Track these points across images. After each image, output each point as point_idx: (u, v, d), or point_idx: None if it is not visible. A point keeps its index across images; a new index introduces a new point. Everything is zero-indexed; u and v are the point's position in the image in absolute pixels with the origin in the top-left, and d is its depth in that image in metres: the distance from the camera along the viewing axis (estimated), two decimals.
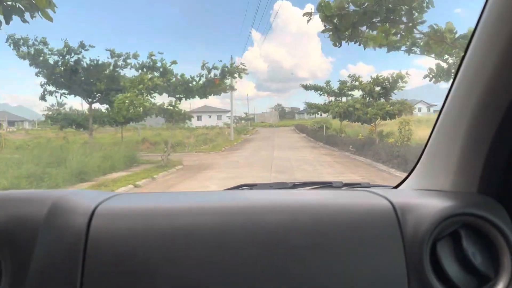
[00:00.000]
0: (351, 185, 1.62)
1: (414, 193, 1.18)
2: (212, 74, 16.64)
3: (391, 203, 0.99)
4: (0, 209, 0.91)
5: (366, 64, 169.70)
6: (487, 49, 0.87)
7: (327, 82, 34.32)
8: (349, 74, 35.01)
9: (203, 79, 16.49)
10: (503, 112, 0.89)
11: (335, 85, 32.31)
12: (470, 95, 0.95)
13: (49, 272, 0.85)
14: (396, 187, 1.44)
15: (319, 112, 36.38)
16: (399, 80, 20.84)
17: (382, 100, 21.47)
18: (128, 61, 18.94)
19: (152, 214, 0.94)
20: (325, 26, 11.15)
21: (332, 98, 32.84)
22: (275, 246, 0.88)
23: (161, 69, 16.66)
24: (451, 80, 1.04)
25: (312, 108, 37.58)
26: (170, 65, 16.73)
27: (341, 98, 30.84)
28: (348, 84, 29.44)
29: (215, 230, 0.90)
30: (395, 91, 21.57)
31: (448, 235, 0.92)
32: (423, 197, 1.07)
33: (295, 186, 1.66)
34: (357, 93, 25.82)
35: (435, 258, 0.90)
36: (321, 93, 34.31)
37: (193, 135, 35.61)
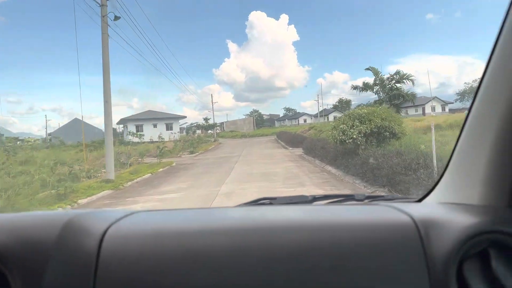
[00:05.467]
0: (373, 198, 1.49)
1: (439, 207, 1.12)
2: None
3: (413, 219, 0.94)
4: (11, 233, 0.92)
5: (341, 73, 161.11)
6: (510, 62, 0.85)
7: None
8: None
9: None
10: None
11: None
12: (497, 103, 0.92)
13: None
14: (421, 200, 1.35)
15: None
16: None
17: None
18: None
19: (164, 235, 0.92)
20: None
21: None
22: (292, 268, 0.85)
23: None
24: (476, 86, 1.02)
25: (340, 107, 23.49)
26: None
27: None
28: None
29: (228, 251, 0.87)
30: None
31: (476, 254, 0.87)
32: (449, 211, 1.02)
33: (315, 199, 1.53)
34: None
35: (462, 279, 0.85)
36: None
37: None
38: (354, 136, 11.92)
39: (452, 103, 65.74)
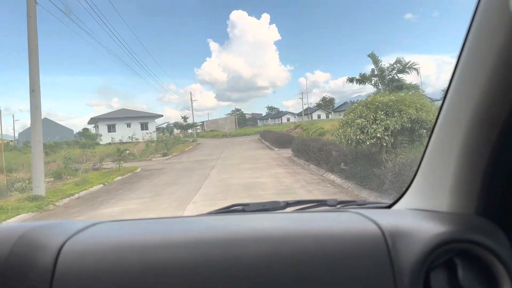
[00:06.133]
0: (346, 203, 1.48)
1: (407, 214, 1.13)
2: None
3: (380, 228, 0.93)
4: None
5: (323, 72, 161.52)
6: (478, 64, 0.83)
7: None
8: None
9: None
10: (498, 129, 0.84)
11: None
12: (463, 112, 0.91)
13: None
14: (391, 206, 1.34)
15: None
16: None
17: None
18: None
19: (123, 248, 0.89)
20: None
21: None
22: (258, 281, 0.83)
23: None
24: (443, 94, 1.00)
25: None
26: None
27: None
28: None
29: (191, 264, 0.85)
30: None
31: (443, 264, 0.87)
32: (417, 219, 1.02)
33: (288, 205, 1.50)
34: None
35: None
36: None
37: None
38: (378, 135, 8.22)
39: (439, 100, 63.74)
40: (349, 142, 8.45)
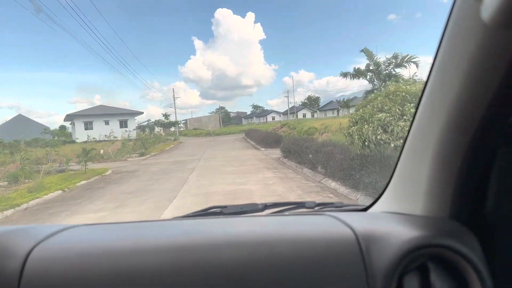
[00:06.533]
0: (323, 205, 1.48)
1: (382, 218, 1.12)
2: None
3: (354, 232, 0.94)
4: None
5: (307, 72, 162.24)
6: (451, 70, 0.83)
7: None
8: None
9: None
10: (471, 135, 0.85)
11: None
12: (437, 117, 0.91)
13: None
14: (367, 208, 1.34)
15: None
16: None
17: None
18: None
19: (94, 254, 0.87)
20: None
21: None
22: (231, 286, 0.83)
23: None
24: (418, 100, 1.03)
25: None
26: None
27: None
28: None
29: (162, 271, 0.83)
30: None
31: (416, 268, 0.87)
32: (391, 223, 1.03)
33: (266, 207, 1.48)
34: None
35: None
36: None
37: None
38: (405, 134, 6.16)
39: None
40: (366, 143, 6.57)
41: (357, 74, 20.23)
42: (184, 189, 10.29)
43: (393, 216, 1.09)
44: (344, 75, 20.74)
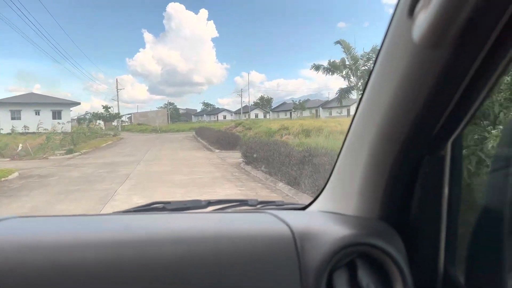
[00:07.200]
0: (266, 204, 1.50)
1: (319, 216, 1.18)
2: None
3: (291, 229, 0.97)
4: None
5: (258, 73, 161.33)
6: (385, 83, 0.88)
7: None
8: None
9: None
10: (399, 144, 0.91)
11: None
12: (370, 125, 0.96)
13: None
14: (306, 207, 1.37)
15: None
16: None
17: None
18: None
19: (29, 247, 0.85)
20: None
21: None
22: (169, 282, 0.84)
23: None
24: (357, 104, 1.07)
25: None
26: None
27: None
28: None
29: (100, 266, 0.82)
30: None
31: (346, 265, 0.92)
32: (326, 221, 1.08)
33: (210, 204, 1.48)
34: None
35: None
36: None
37: None
38: None
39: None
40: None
41: (332, 68, 17.46)
42: (106, 212, 6.75)
43: (328, 215, 1.14)
44: (317, 68, 17.96)
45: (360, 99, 1.01)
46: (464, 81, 0.78)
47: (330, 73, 17.73)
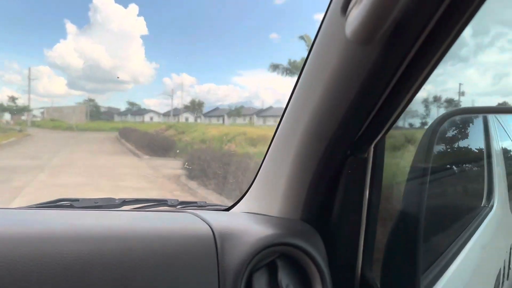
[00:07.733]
0: (186, 204, 1.46)
1: (241, 217, 1.17)
2: None
3: (212, 229, 0.94)
4: None
5: (189, 76, 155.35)
6: (313, 81, 0.88)
7: None
8: None
9: None
10: (325, 144, 0.90)
11: None
12: (297, 125, 0.96)
13: None
14: (230, 208, 1.37)
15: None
16: None
17: None
18: None
19: None
20: None
21: None
22: (71, 280, 0.79)
23: None
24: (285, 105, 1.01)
25: None
26: None
27: None
28: None
29: None
30: None
31: (266, 266, 0.91)
32: (248, 221, 1.07)
33: (124, 203, 1.38)
34: None
35: None
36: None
37: None
38: None
39: None
40: None
41: (292, 69, 15.45)
42: None
43: (251, 216, 1.13)
44: (275, 67, 15.88)
45: (288, 101, 1.00)
46: (391, 82, 0.78)
47: (289, 74, 15.88)
